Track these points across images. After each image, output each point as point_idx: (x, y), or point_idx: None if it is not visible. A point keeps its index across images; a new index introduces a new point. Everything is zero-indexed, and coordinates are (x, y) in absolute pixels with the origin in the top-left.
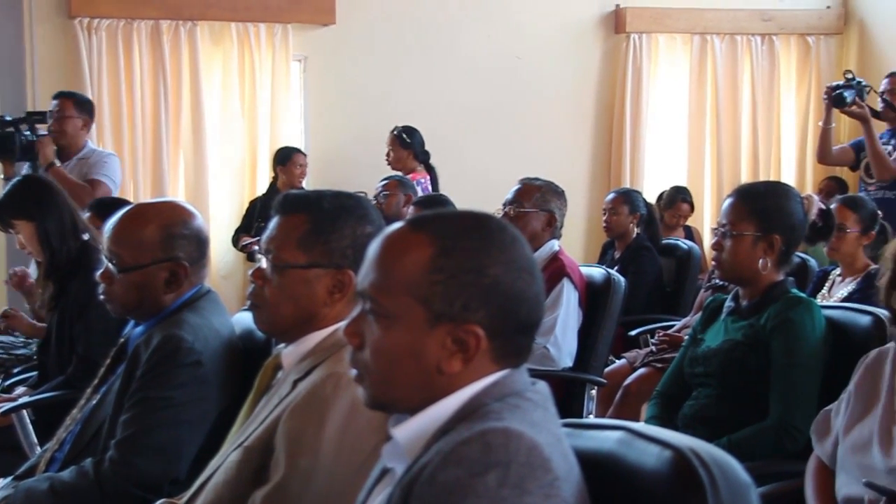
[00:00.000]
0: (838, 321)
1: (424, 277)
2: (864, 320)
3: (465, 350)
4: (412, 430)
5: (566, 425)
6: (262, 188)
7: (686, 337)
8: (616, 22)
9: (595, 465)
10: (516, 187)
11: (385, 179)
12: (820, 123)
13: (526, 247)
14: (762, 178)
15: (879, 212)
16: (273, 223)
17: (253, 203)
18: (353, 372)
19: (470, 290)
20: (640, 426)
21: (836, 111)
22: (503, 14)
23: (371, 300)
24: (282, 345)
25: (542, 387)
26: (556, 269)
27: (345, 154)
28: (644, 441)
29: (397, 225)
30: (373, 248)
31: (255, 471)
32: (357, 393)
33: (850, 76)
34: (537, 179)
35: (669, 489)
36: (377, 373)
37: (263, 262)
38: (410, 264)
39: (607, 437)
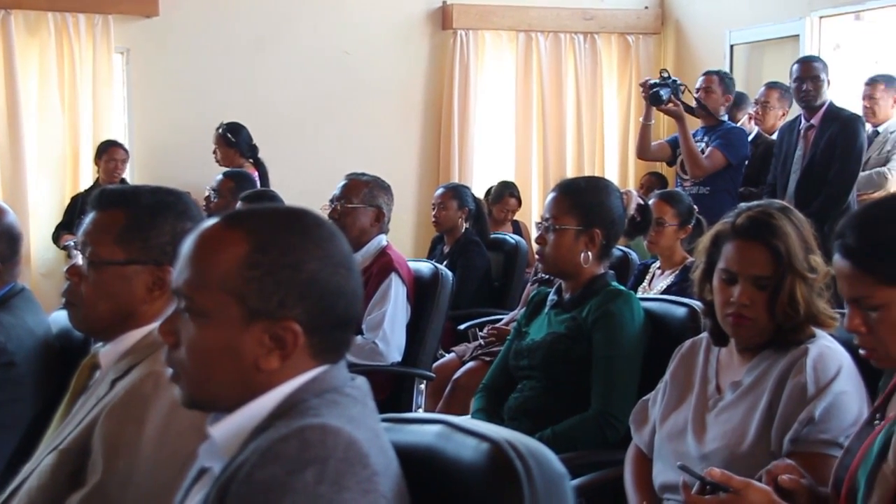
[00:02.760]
0: (656, 313)
1: (240, 274)
2: (680, 312)
3: (282, 347)
4: (229, 428)
5: (386, 420)
6: (85, 183)
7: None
8: (443, 18)
9: (414, 459)
10: (343, 183)
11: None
12: (640, 119)
13: (343, 242)
14: (587, 172)
15: (695, 206)
16: (89, 219)
17: (75, 199)
18: (170, 371)
19: (286, 286)
20: (458, 420)
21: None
22: (330, 8)
23: (186, 298)
24: (99, 344)
25: (361, 382)
26: (384, 265)
27: (172, 149)
28: (462, 434)
29: (211, 221)
30: (187, 245)
31: (71, 474)
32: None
33: (665, 75)
34: (364, 175)
35: (486, 481)
36: (193, 371)
37: (79, 259)
38: (225, 261)
39: (426, 430)
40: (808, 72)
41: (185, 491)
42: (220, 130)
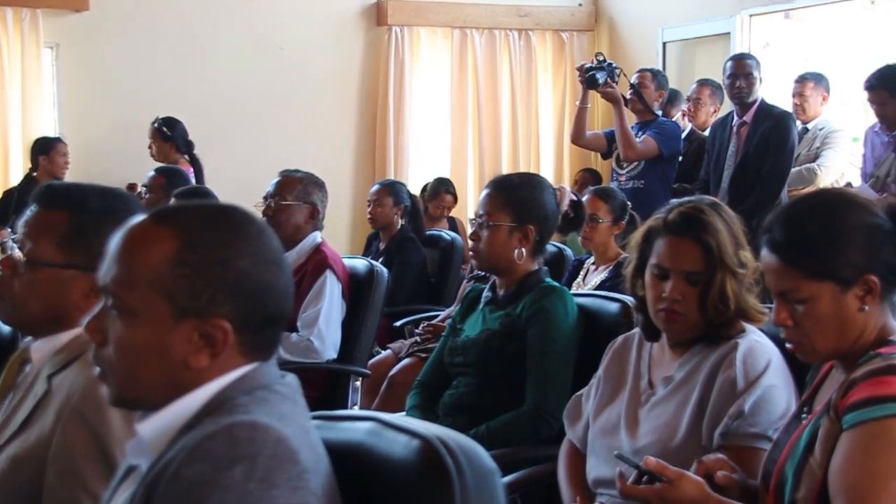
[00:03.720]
0: (589, 308)
1: (168, 272)
2: (613, 307)
3: (212, 344)
4: (157, 425)
5: (317, 417)
6: (14, 179)
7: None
8: (378, 14)
9: (345, 456)
10: (277, 179)
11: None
12: (577, 103)
13: (273, 238)
14: (522, 169)
15: (629, 202)
16: (32, 214)
17: (8, 193)
18: (97, 369)
19: (216, 283)
20: (389, 417)
21: (592, 92)
22: (264, 4)
23: (113, 295)
24: (29, 338)
25: (292, 379)
26: (319, 262)
27: (103, 145)
28: (393, 431)
29: (139, 218)
30: (114, 242)
31: (27, 482)
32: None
33: (601, 58)
34: (298, 171)
35: (417, 477)
36: (121, 370)
37: (17, 252)
38: (153, 258)
39: (357, 427)
40: (742, 69)
41: (112, 489)
42: (156, 125)
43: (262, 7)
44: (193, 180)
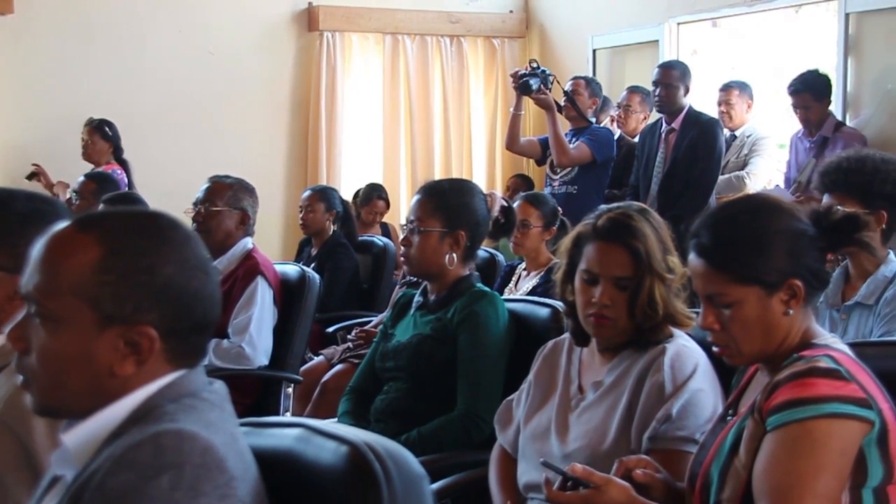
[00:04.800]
0: (520, 314)
1: (93, 279)
2: (544, 312)
3: (138, 352)
4: (82, 435)
5: (245, 424)
6: None
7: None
8: (309, 20)
9: (274, 463)
10: (206, 186)
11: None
12: (511, 109)
13: (200, 245)
14: (455, 174)
15: (560, 208)
16: None
17: None
18: (20, 378)
19: (142, 290)
20: (317, 423)
21: (526, 99)
22: (194, 8)
23: (36, 303)
24: None
25: (220, 386)
26: (250, 268)
27: (30, 148)
28: (321, 437)
29: (63, 225)
30: (37, 248)
31: None
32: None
33: (535, 65)
34: (227, 177)
35: (346, 483)
36: (44, 378)
37: None
38: (77, 265)
39: (286, 434)
40: (662, 78)
41: (36, 500)
42: (95, 123)
43: (192, 12)
44: (121, 183)
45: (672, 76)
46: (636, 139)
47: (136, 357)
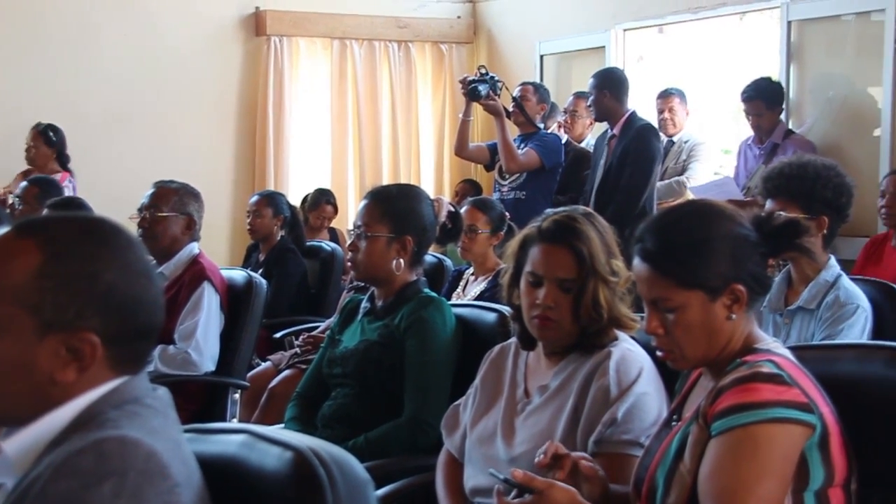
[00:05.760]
0: (467, 319)
1: (33, 285)
2: (490, 317)
3: (79, 359)
4: (23, 442)
5: (189, 430)
6: None
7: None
8: (256, 24)
9: (218, 469)
10: (151, 191)
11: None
12: (459, 115)
13: (142, 250)
14: (403, 179)
15: (508, 213)
16: None
17: None
18: None
19: (83, 296)
20: (262, 429)
21: (475, 105)
22: (140, 13)
23: None
24: None
25: (163, 392)
26: (197, 273)
27: None
28: (266, 443)
29: (2, 230)
30: None
31: None
32: None
33: (483, 71)
34: (173, 182)
35: (290, 489)
36: None
37: None
38: (16, 272)
39: (231, 440)
40: (590, 86)
41: None
42: (41, 128)
43: (139, 16)
44: (73, 190)
45: (591, 85)
46: (583, 144)
47: (77, 364)
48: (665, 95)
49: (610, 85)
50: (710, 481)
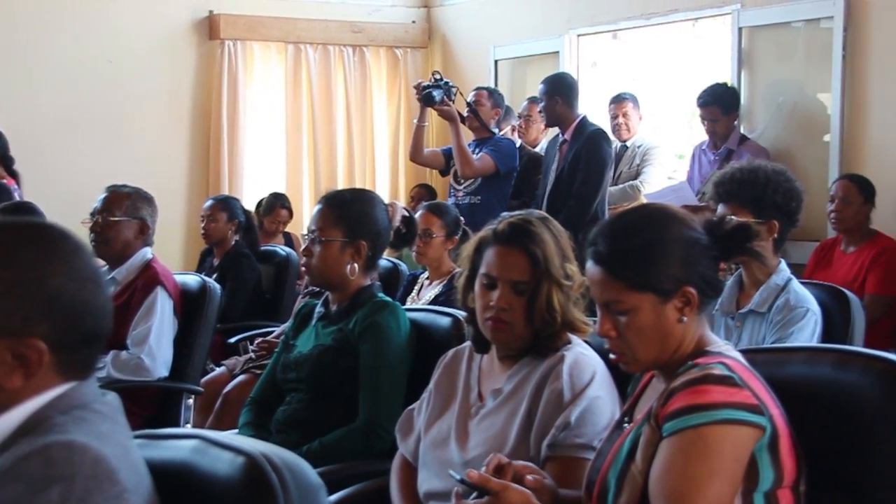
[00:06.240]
0: (422, 323)
1: None
2: (445, 321)
3: (26, 365)
4: None
5: (140, 436)
6: None
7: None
8: (210, 28)
9: (169, 475)
10: (104, 195)
11: None
12: (414, 121)
13: (90, 255)
14: (358, 184)
15: (462, 218)
16: None
17: None
18: None
19: (30, 302)
20: (214, 434)
21: (429, 110)
22: (92, 16)
23: None
24: None
25: (112, 398)
26: (150, 278)
27: None
28: (218, 448)
29: None
30: None
31: None
32: None
33: (437, 76)
34: (125, 186)
35: (242, 494)
36: None
37: None
38: None
39: (182, 446)
40: (539, 92)
41: None
42: None
43: (90, 19)
44: (19, 195)
45: (540, 90)
46: (537, 148)
47: (24, 370)
48: (618, 100)
49: (561, 90)
50: (660, 482)
